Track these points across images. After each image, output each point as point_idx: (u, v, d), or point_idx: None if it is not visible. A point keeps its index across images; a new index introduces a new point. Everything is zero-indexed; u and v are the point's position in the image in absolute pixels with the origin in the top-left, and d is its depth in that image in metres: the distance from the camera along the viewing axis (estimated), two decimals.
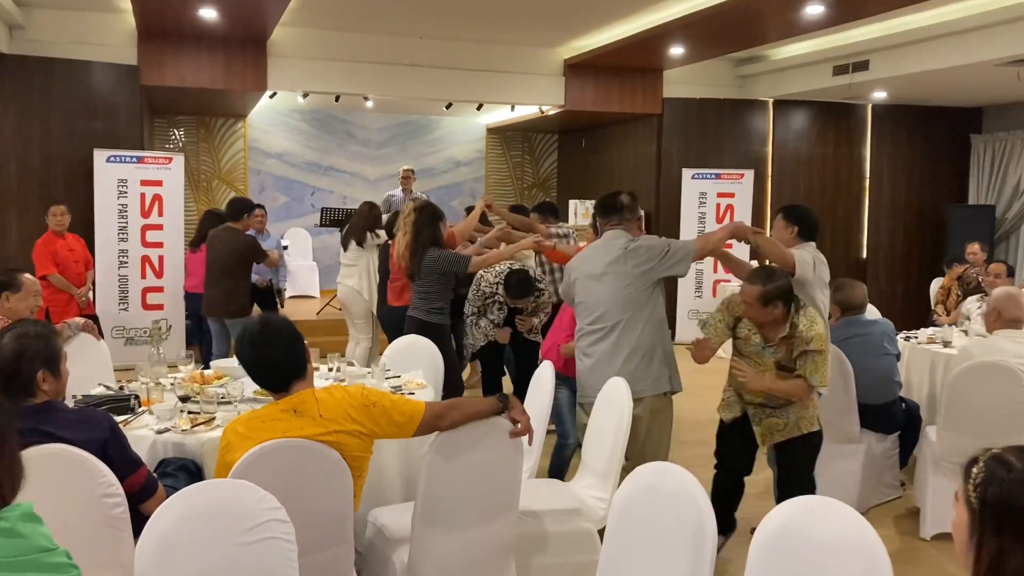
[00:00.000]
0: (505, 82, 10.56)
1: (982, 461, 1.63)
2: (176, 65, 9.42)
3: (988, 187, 11.83)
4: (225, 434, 2.84)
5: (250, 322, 2.92)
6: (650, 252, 4.00)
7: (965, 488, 1.63)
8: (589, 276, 4.12)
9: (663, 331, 4.10)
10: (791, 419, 4.06)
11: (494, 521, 3.19)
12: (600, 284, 4.06)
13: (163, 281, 9.12)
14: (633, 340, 3.99)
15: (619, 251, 4.04)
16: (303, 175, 12.98)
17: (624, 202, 4.21)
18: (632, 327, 3.99)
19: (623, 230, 4.16)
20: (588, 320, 4.13)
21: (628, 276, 4.00)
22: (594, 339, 4.10)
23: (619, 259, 4.02)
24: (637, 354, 3.99)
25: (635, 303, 3.99)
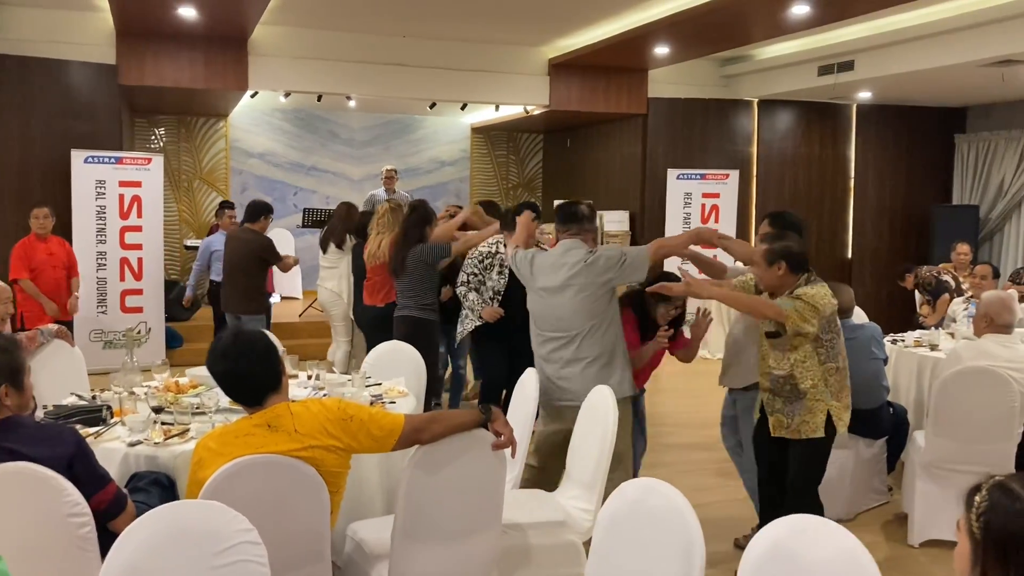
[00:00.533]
0: (489, 82, 10.47)
1: (985, 489, 1.56)
2: (155, 64, 9.28)
3: (972, 187, 11.84)
4: (197, 450, 2.75)
5: (222, 334, 2.82)
6: (608, 262, 4.05)
7: (967, 517, 1.56)
8: (548, 289, 4.15)
9: (620, 336, 4.18)
10: (794, 420, 3.94)
11: (477, 535, 3.11)
12: (560, 297, 4.10)
13: (142, 283, 9.00)
14: (595, 348, 4.06)
15: (579, 264, 4.07)
16: (285, 175, 12.84)
17: (583, 212, 4.26)
18: (593, 335, 4.07)
19: (580, 240, 4.20)
20: (548, 328, 4.18)
21: (588, 287, 4.05)
22: (555, 347, 4.15)
23: (579, 272, 4.06)
24: (598, 362, 4.06)
25: (596, 313, 4.06)
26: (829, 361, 3.88)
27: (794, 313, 3.77)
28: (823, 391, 3.88)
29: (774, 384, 3.97)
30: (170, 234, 11.93)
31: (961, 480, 4.55)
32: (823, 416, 3.90)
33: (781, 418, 3.99)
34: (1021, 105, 11.09)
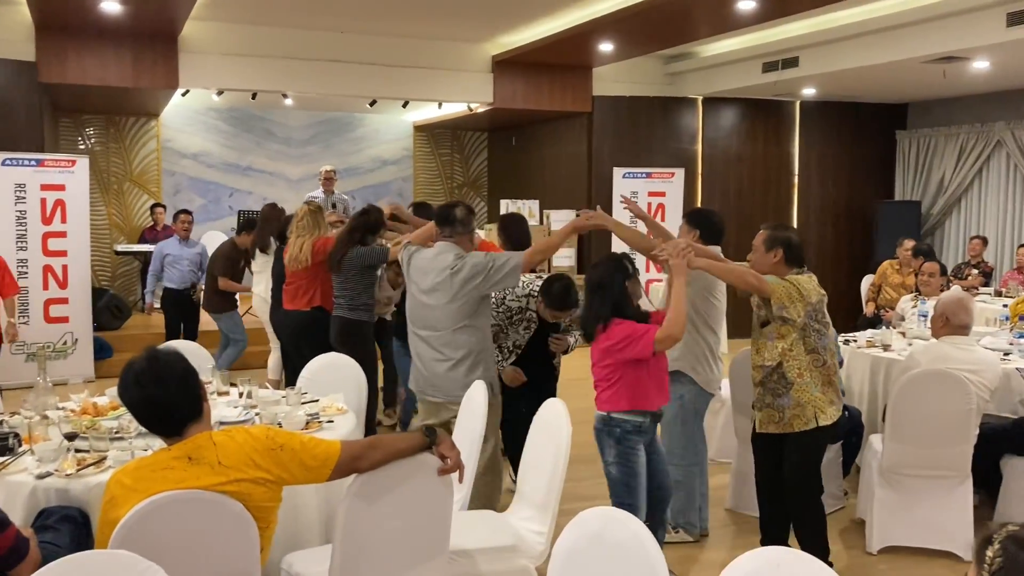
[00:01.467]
0: (431, 79, 10.22)
1: (998, 543, 1.38)
2: (79, 61, 8.86)
3: (914, 183, 11.94)
4: (109, 486, 2.48)
5: (135, 357, 2.55)
6: (474, 270, 4.09)
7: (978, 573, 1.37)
8: (420, 289, 4.25)
9: (486, 339, 4.26)
10: (786, 414, 3.88)
11: (422, 566, 2.88)
12: (429, 298, 4.20)
13: (68, 292, 8.55)
14: (461, 350, 4.15)
15: (446, 271, 4.13)
16: (221, 176, 12.42)
17: (458, 215, 4.26)
18: (457, 337, 4.15)
19: (454, 243, 4.22)
20: (419, 325, 4.29)
21: (454, 292, 4.12)
22: (424, 344, 4.27)
23: (446, 278, 4.13)
24: (464, 363, 4.15)
25: (462, 316, 4.13)
26: (816, 351, 3.85)
27: (780, 288, 3.76)
28: (808, 381, 3.84)
29: (765, 377, 3.93)
30: (99, 239, 11.47)
31: (919, 485, 4.48)
32: (812, 410, 3.86)
33: (772, 412, 3.93)
34: (960, 102, 11.21)
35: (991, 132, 10.78)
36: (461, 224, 4.24)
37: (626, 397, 3.75)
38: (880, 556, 4.52)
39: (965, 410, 4.30)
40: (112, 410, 3.71)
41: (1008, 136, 10.55)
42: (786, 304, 3.75)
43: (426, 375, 4.27)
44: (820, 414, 3.86)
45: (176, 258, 8.12)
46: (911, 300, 7.03)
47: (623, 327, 3.68)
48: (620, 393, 3.75)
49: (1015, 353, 5.34)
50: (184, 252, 8.17)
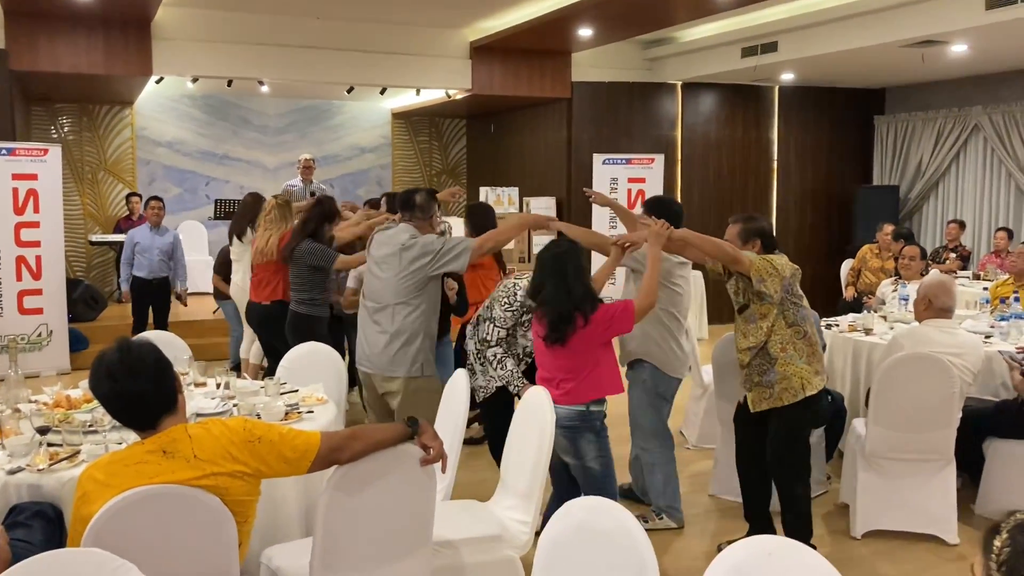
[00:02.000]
0: (409, 65, 10.11)
1: (1006, 532, 1.33)
2: (50, 48, 8.69)
3: (892, 168, 11.97)
4: (81, 482, 2.41)
5: (106, 349, 2.47)
6: (423, 250, 4.21)
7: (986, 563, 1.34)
8: (374, 259, 4.42)
9: (430, 322, 4.33)
10: (775, 389, 3.96)
11: (405, 558, 2.83)
12: (380, 270, 4.35)
13: (42, 283, 8.41)
14: (397, 324, 4.25)
15: (397, 246, 4.28)
16: (196, 165, 12.26)
17: (418, 201, 4.40)
18: (399, 313, 4.25)
19: (413, 226, 4.35)
20: (367, 295, 4.44)
21: (400, 269, 4.25)
22: (368, 313, 4.40)
23: (395, 253, 4.27)
24: (399, 337, 4.24)
25: (405, 293, 4.25)
26: (797, 324, 3.94)
27: (758, 262, 3.85)
28: (792, 354, 3.92)
29: (751, 359, 3.99)
30: (74, 229, 11.31)
31: (903, 469, 4.47)
32: (798, 381, 3.92)
33: (762, 391, 3.99)
34: (937, 86, 11.23)
35: (968, 116, 10.82)
36: (420, 210, 4.37)
37: (604, 384, 3.73)
38: (864, 540, 4.52)
39: (948, 394, 4.29)
40: (86, 403, 3.62)
41: (985, 120, 10.59)
42: (764, 278, 3.84)
43: (364, 346, 4.40)
44: (807, 384, 3.93)
45: (146, 246, 7.98)
46: (891, 284, 7.04)
47: (603, 308, 3.67)
48: (596, 381, 3.71)
49: (996, 336, 5.35)
50: (155, 241, 8.02)
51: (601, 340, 3.70)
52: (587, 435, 3.72)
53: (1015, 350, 4.88)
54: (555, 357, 3.72)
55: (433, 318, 4.35)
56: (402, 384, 4.24)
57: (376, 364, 4.31)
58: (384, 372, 4.28)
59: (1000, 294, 6.38)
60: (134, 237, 8.08)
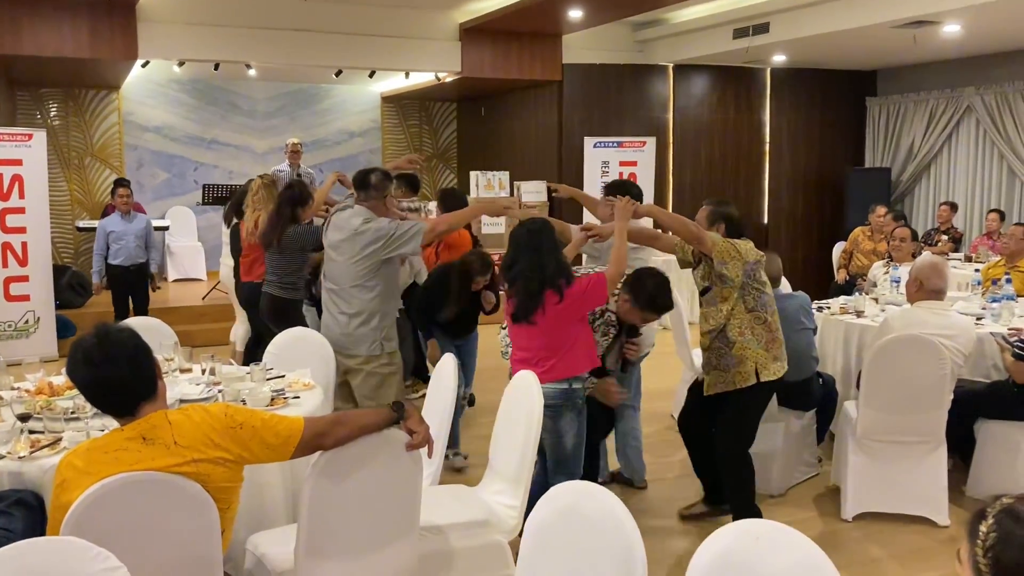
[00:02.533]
0: (398, 48, 10.02)
1: (992, 517, 1.30)
2: (34, 32, 8.57)
3: (884, 150, 11.94)
4: (60, 470, 2.36)
5: (84, 334, 2.43)
6: (377, 234, 4.29)
7: (972, 549, 1.30)
8: (330, 243, 4.54)
9: (387, 302, 4.48)
10: (730, 372, 4.06)
11: (391, 544, 2.80)
12: (337, 253, 4.47)
13: (28, 269, 8.34)
14: (355, 305, 4.40)
15: (351, 231, 4.36)
16: (184, 150, 12.15)
17: (372, 181, 4.46)
18: (356, 294, 4.39)
19: (367, 207, 4.42)
20: (327, 278, 4.59)
21: (355, 253, 4.35)
22: (328, 295, 4.56)
23: (350, 238, 4.36)
24: (358, 318, 4.39)
25: (361, 275, 4.37)
26: (756, 310, 4.04)
27: (721, 243, 3.96)
28: (750, 339, 4.02)
29: (711, 342, 4.10)
30: (60, 215, 11.22)
31: (894, 451, 4.46)
32: (752, 365, 4.02)
33: (718, 375, 4.10)
34: (929, 67, 11.19)
35: (960, 98, 10.78)
36: (375, 189, 4.44)
37: (583, 360, 3.74)
38: (855, 523, 4.51)
39: (939, 375, 4.27)
40: (68, 390, 3.57)
41: (977, 101, 10.55)
42: (726, 260, 3.95)
43: (328, 325, 4.56)
44: (762, 370, 4.03)
45: (119, 234, 7.86)
46: (883, 266, 7.01)
47: (578, 282, 3.68)
48: (576, 357, 3.71)
49: (988, 318, 5.34)
50: (128, 228, 7.88)
51: (578, 315, 3.71)
52: (569, 413, 3.72)
53: (1007, 332, 4.87)
54: (532, 336, 3.69)
55: (391, 298, 4.53)
56: (362, 362, 4.41)
57: (338, 343, 4.45)
58: (346, 350, 4.43)
59: (992, 276, 6.37)
60: (107, 226, 7.94)
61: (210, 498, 2.37)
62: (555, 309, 3.62)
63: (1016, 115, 10.15)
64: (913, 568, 4.04)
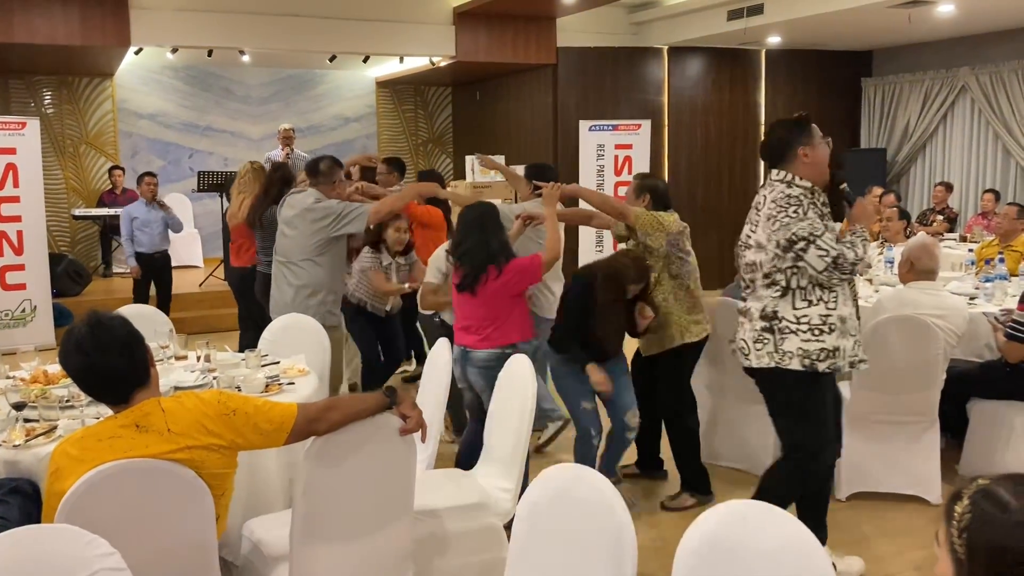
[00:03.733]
0: (391, 32, 9.98)
1: (967, 498, 1.31)
2: (25, 19, 8.53)
3: (879, 131, 11.93)
4: (54, 457, 2.38)
5: (75, 322, 2.44)
6: (325, 211, 4.74)
7: (948, 532, 1.31)
8: (283, 220, 4.95)
9: (329, 277, 4.88)
10: (657, 336, 4.43)
11: (386, 528, 2.82)
12: (289, 228, 4.89)
13: (24, 258, 8.34)
14: (303, 278, 4.82)
15: (302, 208, 4.80)
16: (179, 136, 12.12)
17: (321, 168, 4.94)
18: (304, 268, 4.82)
19: (317, 190, 4.87)
20: (278, 252, 4.99)
21: (303, 229, 4.79)
22: (276, 268, 4.99)
23: (300, 215, 4.81)
24: (304, 290, 4.82)
25: (310, 251, 4.80)
26: (680, 277, 4.39)
27: (644, 216, 4.29)
28: (674, 304, 4.37)
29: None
30: (56, 203, 11.21)
31: (887, 431, 4.48)
32: (677, 328, 4.39)
33: (651, 337, 4.46)
34: (925, 48, 11.16)
35: (955, 78, 10.76)
36: (323, 175, 4.90)
37: (518, 330, 4.13)
38: (849, 502, 4.54)
39: (932, 355, 4.29)
40: (63, 378, 3.58)
41: (972, 81, 10.54)
42: (649, 232, 4.28)
43: (275, 297, 4.96)
44: (686, 332, 4.39)
45: (145, 221, 7.99)
46: (877, 247, 7.02)
47: (515, 262, 4.07)
48: (511, 328, 4.10)
49: (981, 298, 5.35)
50: (152, 215, 8.03)
51: (514, 290, 4.09)
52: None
53: (999, 312, 4.89)
54: (474, 307, 4.10)
55: (337, 274, 4.96)
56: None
57: (283, 313, 4.78)
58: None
59: (985, 255, 6.38)
60: (132, 212, 8.05)
61: (204, 484, 2.38)
62: (494, 283, 4.02)
63: (1011, 94, 10.14)
64: (905, 545, 4.08)
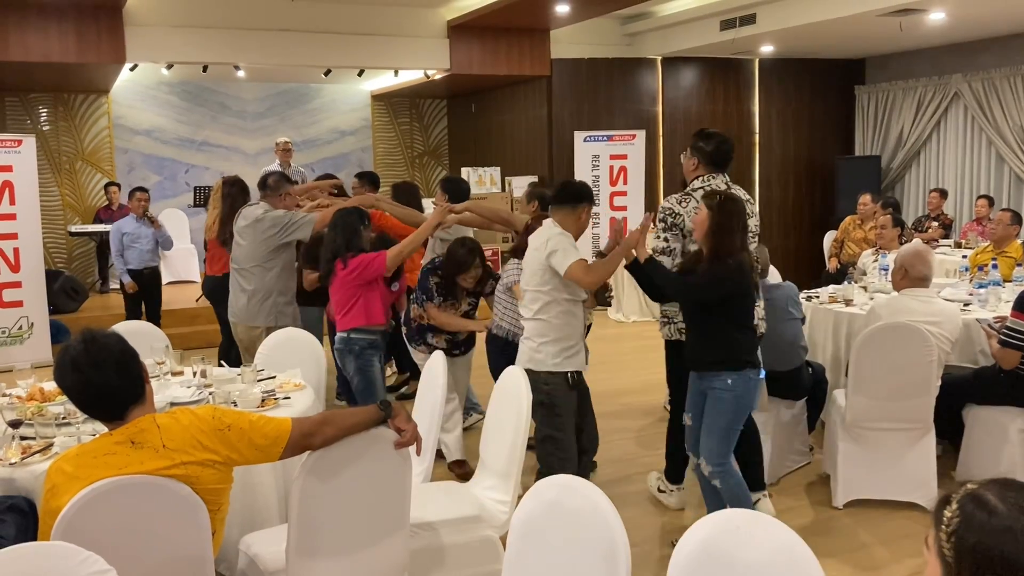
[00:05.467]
0: (385, 46, 10.03)
1: (956, 502, 1.32)
2: (20, 37, 8.58)
3: (873, 138, 11.97)
4: (49, 475, 2.39)
5: (71, 342, 2.45)
6: (273, 221, 5.24)
7: (937, 536, 1.33)
8: (237, 230, 5.44)
9: (282, 282, 5.35)
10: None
11: (382, 542, 2.83)
12: (241, 238, 5.38)
13: (21, 275, 8.33)
14: (254, 283, 5.31)
15: (253, 219, 5.30)
16: (175, 152, 12.15)
17: (269, 183, 5.44)
18: (255, 273, 5.29)
19: (267, 203, 5.36)
20: (232, 260, 5.49)
21: (254, 237, 5.28)
22: (232, 275, 5.47)
23: (250, 225, 5.31)
24: (257, 294, 5.30)
25: (261, 257, 5.28)
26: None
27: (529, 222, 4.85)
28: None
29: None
30: (53, 220, 11.22)
31: (883, 438, 4.49)
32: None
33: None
34: (917, 55, 11.22)
35: (948, 84, 10.81)
36: (271, 189, 5.39)
37: (363, 316, 4.63)
38: (846, 510, 4.55)
39: (926, 362, 4.31)
40: (59, 395, 3.59)
41: (965, 88, 10.59)
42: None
43: (231, 302, 5.47)
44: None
45: (134, 236, 7.96)
46: (872, 254, 7.04)
47: (359, 257, 4.59)
48: (358, 314, 4.63)
49: (975, 304, 5.37)
50: (142, 230, 8.00)
51: (359, 281, 4.61)
52: (348, 356, 4.67)
53: (992, 319, 4.90)
54: (333, 294, 4.75)
55: (287, 278, 5.38)
56: (262, 333, 5.17)
57: (239, 316, 5.39)
58: (246, 323, 5.36)
59: (979, 262, 6.40)
60: (122, 228, 8.04)
61: (200, 500, 2.39)
62: (342, 274, 4.64)
63: (1003, 100, 10.19)
64: (902, 552, 4.08)
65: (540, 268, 3.88)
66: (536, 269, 3.92)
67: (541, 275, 3.89)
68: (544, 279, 3.88)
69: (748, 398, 3.82)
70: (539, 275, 3.90)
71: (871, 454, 4.52)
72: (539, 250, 3.90)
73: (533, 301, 3.94)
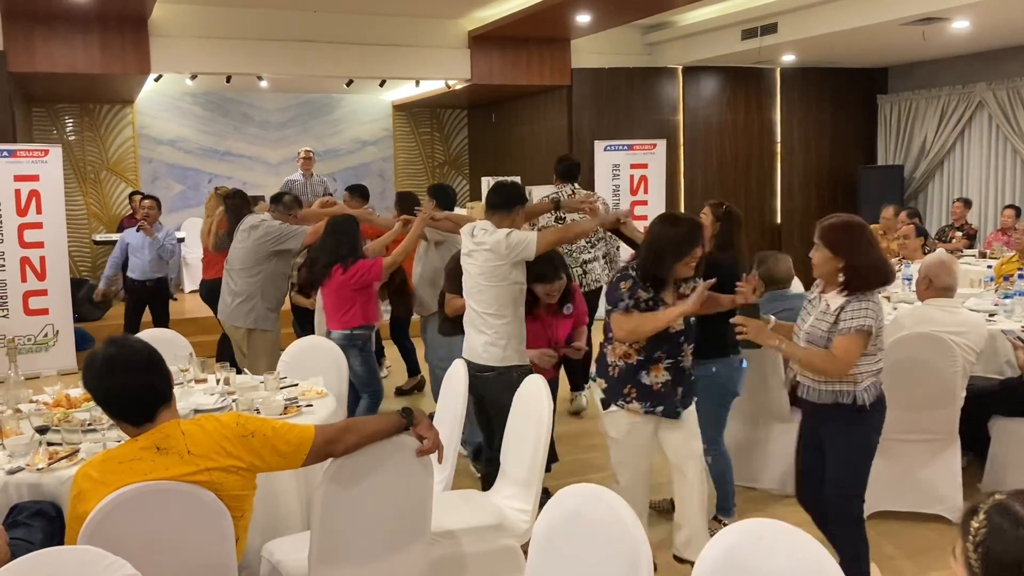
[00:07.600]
0: (407, 56, 10.08)
1: (983, 513, 1.32)
2: (47, 49, 8.69)
3: (896, 147, 11.90)
4: (76, 480, 2.41)
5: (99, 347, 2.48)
6: (267, 229, 5.60)
7: (964, 546, 1.32)
8: (236, 233, 5.77)
9: (270, 287, 5.67)
10: None
11: (404, 550, 2.83)
12: (237, 242, 5.74)
13: (46, 283, 8.42)
14: (239, 285, 5.65)
15: (249, 226, 5.67)
16: (199, 162, 12.27)
17: (284, 201, 5.92)
18: (241, 276, 5.64)
19: (274, 216, 5.74)
20: (227, 261, 5.82)
21: (248, 244, 5.63)
22: (224, 274, 5.82)
23: (247, 231, 5.66)
24: (239, 296, 5.66)
25: (250, 262, 5.61)
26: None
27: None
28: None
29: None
30: (78, 229, 11.35)
31: (908, 449, 4.45)
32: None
33: None
34: (940, 64, 11.14)
35: (972, 93, 10.73)
36: (284, 206, 5.86)
37: (363, 316, 5.13)
38: (869, 521, 4.45)
39: (951, 372, 4.27)
40: (86, 401, 3.64)
41: (989, 96, 10.50)
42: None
43: (220, 298, 5.82)
44: None
45: (136, 246, 7.93)
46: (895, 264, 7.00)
47: (359, 264, 5.06)
48: (356, 313, 5.10)
49: (1000, 314, 5.32)
50: (146, 240, 7.90)
51: (357, 285, 5.07)
52: (352, 350, 5.03)
53: (1020, 329, 4.85)
54: (329, 296, 5.18)
55: (269, 285, 5.64)
56: (244, 333, 5.64)
57: (225, 315, 5.76)
58: (230, 322, 5.72)
59: (1005, 271, 6.34)
60: (126, 237, 8.06)
61: (224, 506, 2.41)
62: (340, 278, 5.06)
63: None
64: (927, 565, 4.04)
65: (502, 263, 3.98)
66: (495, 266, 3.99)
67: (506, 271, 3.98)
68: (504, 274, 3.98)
69: (732, 383, 4.24)
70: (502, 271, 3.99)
71: (895, 465, 4.47)
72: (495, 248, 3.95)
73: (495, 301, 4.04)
